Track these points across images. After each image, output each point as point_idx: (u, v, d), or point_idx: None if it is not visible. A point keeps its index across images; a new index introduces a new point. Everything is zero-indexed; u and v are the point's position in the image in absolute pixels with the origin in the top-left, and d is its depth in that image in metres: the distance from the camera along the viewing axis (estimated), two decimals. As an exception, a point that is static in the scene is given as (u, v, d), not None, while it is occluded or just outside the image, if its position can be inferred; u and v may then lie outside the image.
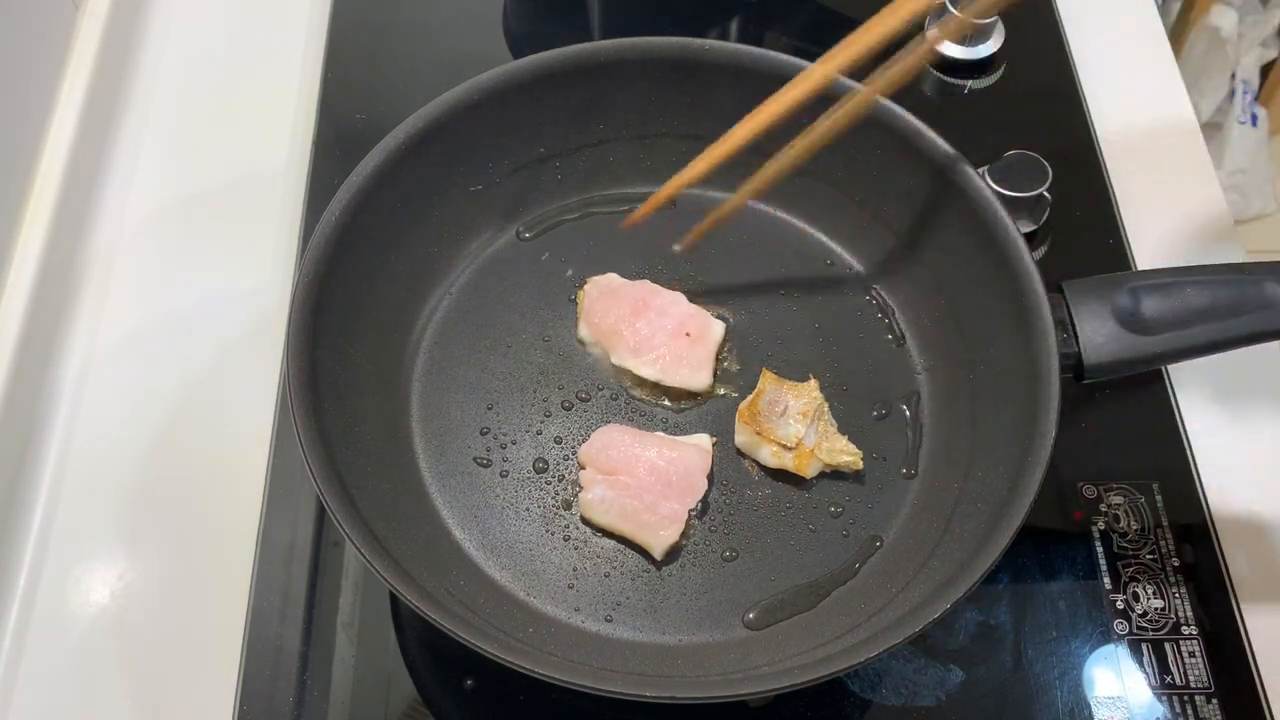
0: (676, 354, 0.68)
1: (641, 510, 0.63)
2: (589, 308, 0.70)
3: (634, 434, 0.66)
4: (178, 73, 0.91)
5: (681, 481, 0.64)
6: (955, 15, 0.88)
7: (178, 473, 0.73)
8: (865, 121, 0.69)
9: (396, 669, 0.65)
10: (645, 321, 0.69)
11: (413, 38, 0.92)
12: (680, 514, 0.64)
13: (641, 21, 0.93)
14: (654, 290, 0.71)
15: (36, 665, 0.66)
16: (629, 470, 0.64)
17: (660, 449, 0.65)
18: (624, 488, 0.64)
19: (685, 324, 0.69)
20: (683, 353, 0.69)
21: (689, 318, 0.70)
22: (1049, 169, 0.79)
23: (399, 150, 0.67)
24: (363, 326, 0.66)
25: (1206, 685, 0.65)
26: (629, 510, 0.63)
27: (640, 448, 0.65)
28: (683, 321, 0.69)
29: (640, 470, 0.64)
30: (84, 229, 0.82)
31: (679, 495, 0.64)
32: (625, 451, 0.65)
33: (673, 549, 0.64)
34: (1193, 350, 0.61)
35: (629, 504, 0.63)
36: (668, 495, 0.64)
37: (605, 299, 0.70)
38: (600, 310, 0.70)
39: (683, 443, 0.66)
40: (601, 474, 0.65)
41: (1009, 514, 0.56)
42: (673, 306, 0.70)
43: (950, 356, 0.69)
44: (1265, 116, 1.78)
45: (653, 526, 0.63)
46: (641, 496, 0.63)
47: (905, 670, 0.65)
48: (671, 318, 0.69)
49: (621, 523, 0.64)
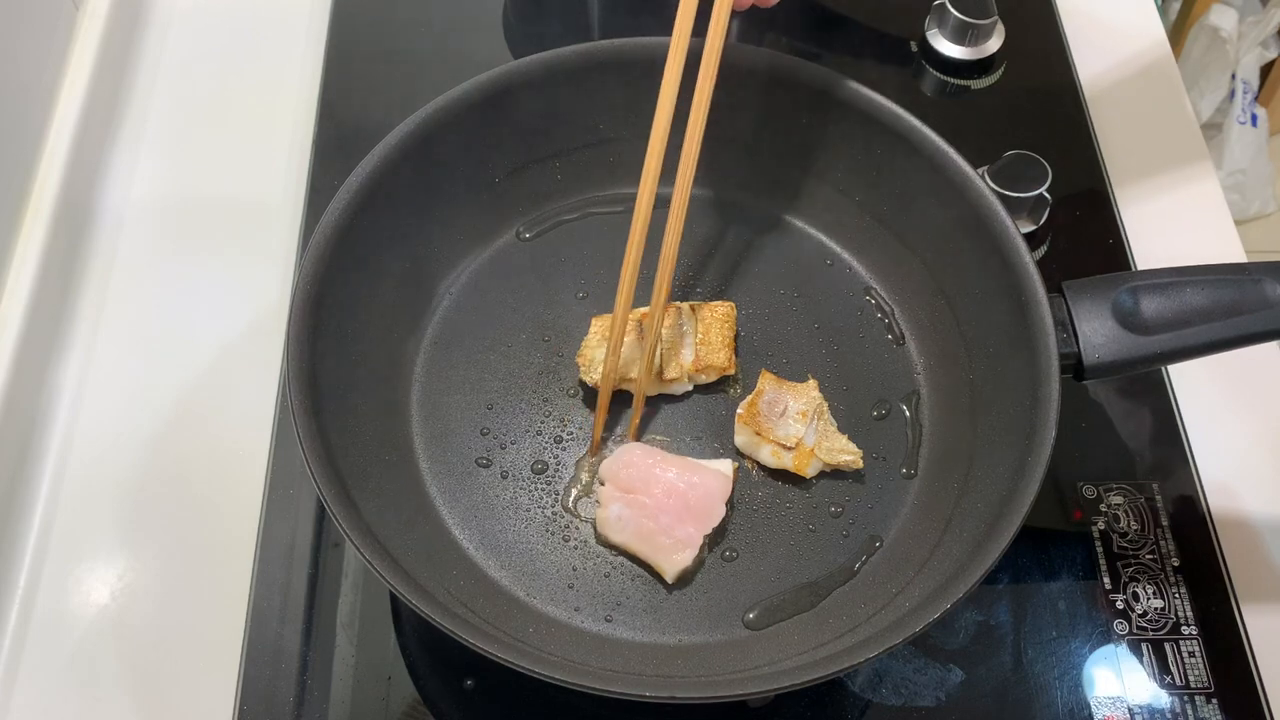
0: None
1: (657, 532, 0.62)
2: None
3: (657, 454, 0.65)
4: (178, 73, 0.91)
5: (700, 506, 0.63)
6: (954, 14, 0.88)
7: (178, 473, 0.73)
8: (865, 121, 0.69)
9: (396, 669, 0.65)
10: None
11: (413, 38, 0.92)
12: (696, 539, 0.63)
13: (641, 21, 0.93)
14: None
15: (36, 665, 0.66)
16: (647, 490, 0.63)
17: (681, 471, 0.64)
18: (641, 507, 0.63)
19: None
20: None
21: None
22: (1049, 169, 0.79)
23: (399, 150, 0.67)
24: (363, 326, 0.66)
25: (1206, 685, 0.65)
26: (644, 531, 0.63)
27: (661, 469, 0.64)
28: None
29: (659, 491, 0.63)
30: (84, 229, 0.82)
31: (696, 520, 0.63)
32: (646, 471, 0.64)
33: (684, 574, 0.63)
34: (1192, 350, 0.61)
35: (645, 524, 0.63)
36: (684, 519, 0.63)
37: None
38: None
39: (704, 467, 0.65)
40: (620, 491, 0.64)
41: (1009, 514, 0.56)
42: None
43: (950, 356, 0.69)
44: (1265, 116, 1.78)
45: (667, 550, 0.62)
46: (658, 518, 0.62)
47: (905, 670, 0.65)
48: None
49: (636, 543, 0.63)
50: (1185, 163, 0.87)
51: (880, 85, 0.69)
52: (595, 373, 0.67)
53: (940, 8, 0.89)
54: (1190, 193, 0.86)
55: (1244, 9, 1.75)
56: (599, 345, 0.68)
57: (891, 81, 0.89)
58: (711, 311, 0.70)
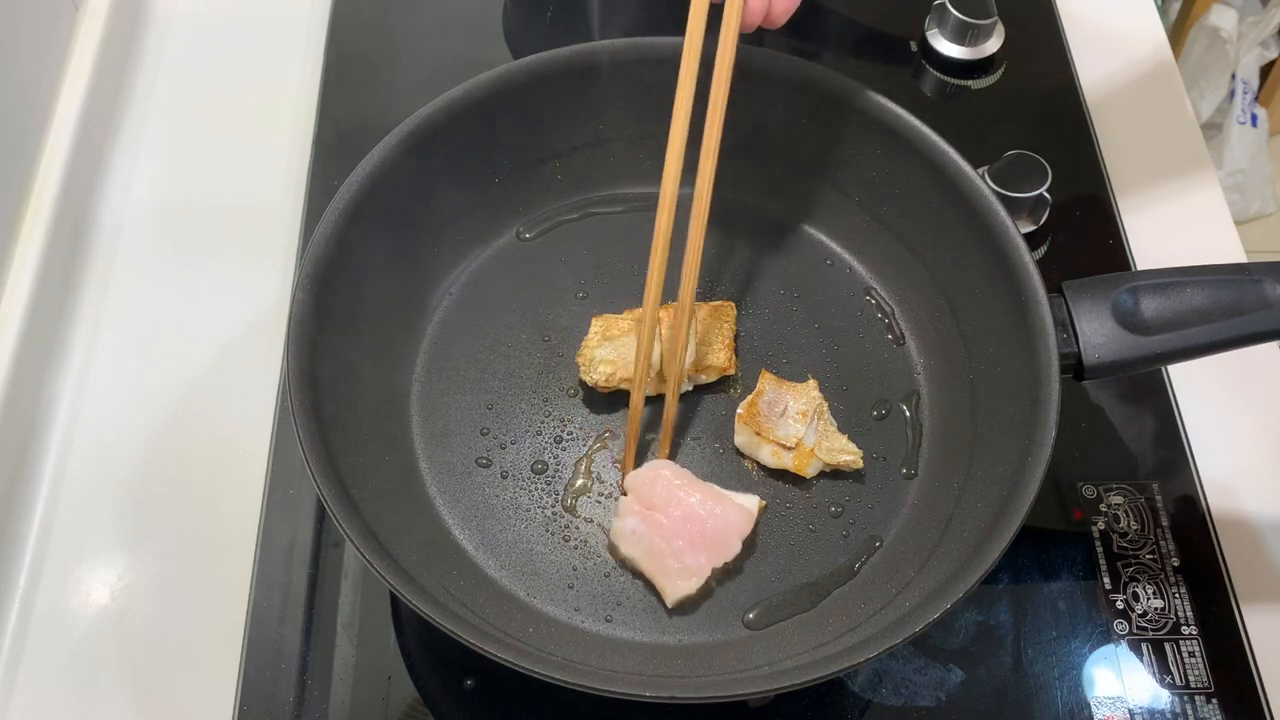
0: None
1: (667, 555, 0.62)
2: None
3: (686, 476, 0.64)
4: (178, 73, 0.91)
5: (715, 537, 0.62)
6: (954, 14, 0.88)
7: (178, 473, 0.73)
8: (865, 121, 0.69)
9: (396, 669, 0.65)
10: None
11: (413, 38, 0.92)
12: (704, 569, 0.62)
13: (641, 21, 0.93)
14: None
15: (36, 665, 0.66)
16: (667, 510, 0.63)
17: (705, 499, 0.63)
18: (657, 526, 0.62)
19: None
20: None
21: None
22: (1049, 169, 0.79)
23: (398, 150, 0.67)
24: (363, 326, 0.66)
25: (1206, 685, 0.65)
26: (655, 550, 0.62)
27: (685, 492, 0.63)
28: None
29: (678, 514, 0.62)
30: (84, 229, 0.82)
31: (708, 550, 0.62)
32: (670, 492, 0.63)
33: (685, 601, 0.62)
34: (1192, 350, 0.61)
35: (657, 544, 0.62)
36: (697, 547, 0.62)
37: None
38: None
39: (729, 499, 0.64)
40: (641, 506, 0.63)
41: (1009, 514, 0.56)
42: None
43: (950, 356, 0.69)
44: (1265, 116, 1.78)
45: (672, 574, 0.62)
46: (671, 541, 0.62)
47: (905, 670, 0.65)
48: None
49: (645, 560, 0.63)
50: (1185, 163, 0.87)
51: (880, 85, 0.69)
52: (595, 373, 0.67)
53: (940, 8, 0.89)
54: (1190, 193, 0.86)
55: (1244, 9, 1.75)
56: (599, 345, 0.68)
57: (891, 81, 0.89)
58: (711, 311, 0.70)
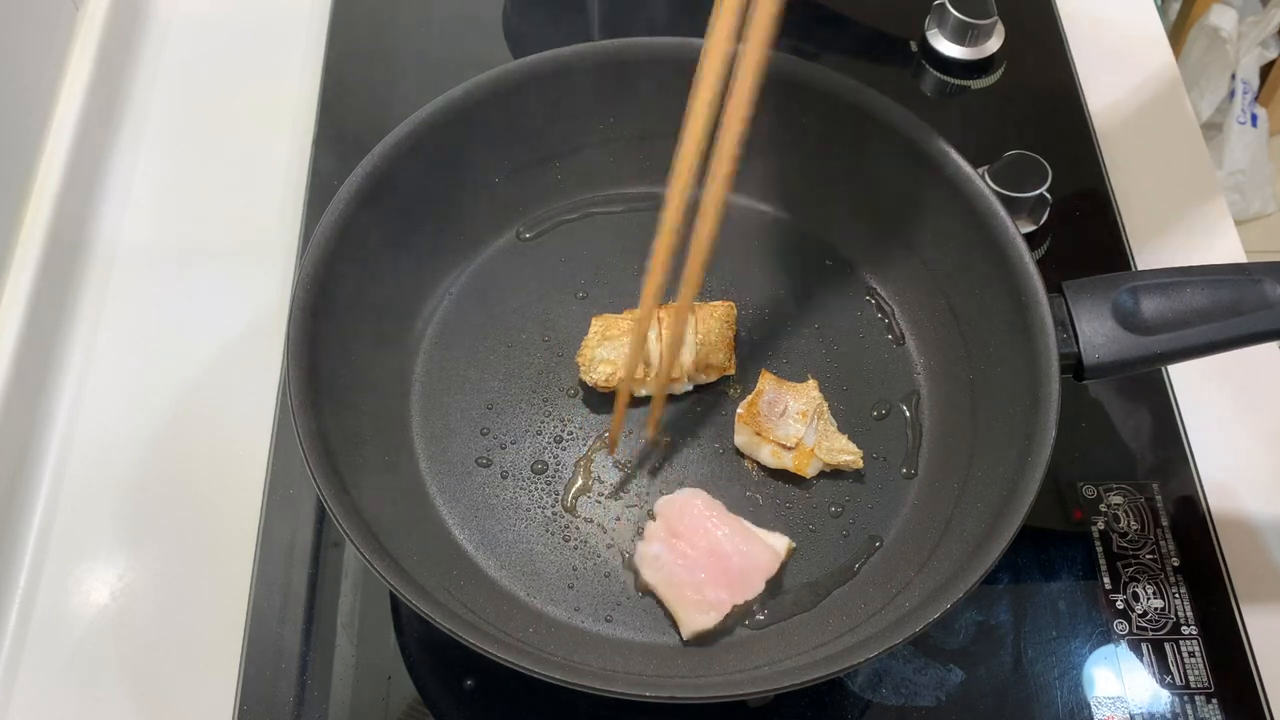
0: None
1: (687, 585, 0.61)
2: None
3: (717, 509, 0.64)
4: (178, 73, 0.91)
5: (739, 574, 0.61)
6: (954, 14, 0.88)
7: (178, 473, 0.73)
8: (865, 121, 0.69)
9: (396, 669, 0.65)
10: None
11: (413, 38, 0.92)
12: (724, 604, 0.61)
13: (641, 21, 0.93)
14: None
15: (36, 665, 0.66)
16: (693, 540, 0.62)
17: (732, 533, 0.62)
18: (681, 555, 0.61)
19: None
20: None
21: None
22: (1049, 169, 0.79)
23: (398, 150, 0.67)
24: (363, 326, 0.66)
25: (1206, 685, 0.65)
26: (676, 579, 0.61)
27: (714, 524, 0.62)
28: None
29: (704, 545, 0.62)
30: (84, 229, 0.82)
31: (730, 587, 0.61)
32: (698, 522, 0.62)
33: (701, 635, 0.61)
34: (1192, 350, 0.61)
35: (679, 574, 0.61)
36: (718, 582, 0.61)
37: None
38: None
39: (758, 536, 0.63)
40: (667, 533, 0.62)
41: (1009, 514, 0.56)
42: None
43: (950, 356, 0.69)
44: (1265, 116, 1.78)
45: (690, 606, 0.61)
46: (693, 572, 0.61)
47: (905, 670, 0.65)
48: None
49: (665, 588, 0.62)
50: (1185, 163, 0.87)
51: (880, 85, 0.69)
52: (595, 372, 0.67)
53: (940, 8, 0.89)
54: (1190, 193, 0.86)
55: (1244, 9, 1.75)
56: (599, 345, 0.68)
57: (891, 81, 0.89)
58: (711, 311, 0.70)
